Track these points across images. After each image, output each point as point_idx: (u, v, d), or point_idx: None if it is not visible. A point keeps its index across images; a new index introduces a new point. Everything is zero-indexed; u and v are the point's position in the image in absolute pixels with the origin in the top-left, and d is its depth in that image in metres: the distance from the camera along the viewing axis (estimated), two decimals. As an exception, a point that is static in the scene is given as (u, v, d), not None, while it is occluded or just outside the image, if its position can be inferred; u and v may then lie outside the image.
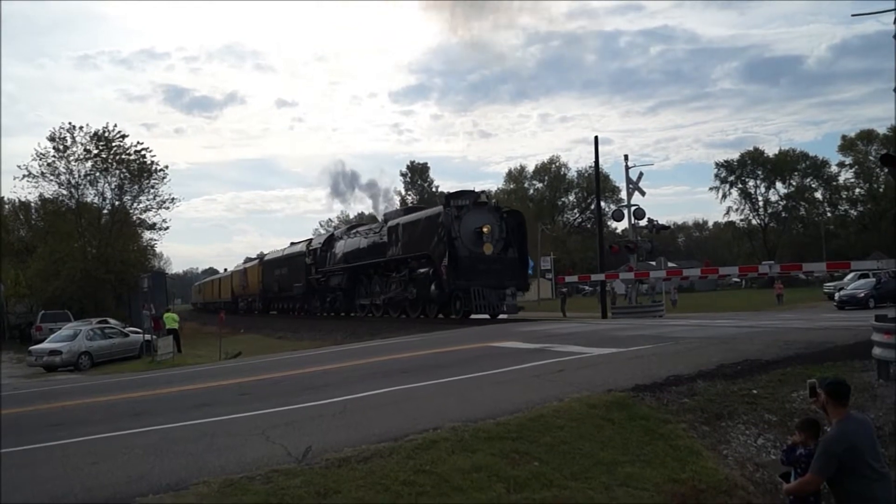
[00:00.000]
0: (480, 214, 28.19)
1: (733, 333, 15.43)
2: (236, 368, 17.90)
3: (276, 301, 53.72)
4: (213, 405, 10.58)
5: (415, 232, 29.95)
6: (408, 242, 30.41)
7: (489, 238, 27.51)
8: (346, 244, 38.62)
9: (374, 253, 34.32)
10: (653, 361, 11.76)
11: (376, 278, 34.64)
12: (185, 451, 7.46)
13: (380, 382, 11.34)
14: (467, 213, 27.90)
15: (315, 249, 43.15)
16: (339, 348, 21.80)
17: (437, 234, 27.81)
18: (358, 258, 36.32)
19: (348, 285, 38.21)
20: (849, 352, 11.72)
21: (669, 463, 7.49)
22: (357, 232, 38.45)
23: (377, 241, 34.18)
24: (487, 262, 27.38)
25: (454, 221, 27.45)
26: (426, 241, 28.71)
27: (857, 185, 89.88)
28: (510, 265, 28.31)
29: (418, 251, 29.50)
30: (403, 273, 31.23)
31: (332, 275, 40.42)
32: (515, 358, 13.19)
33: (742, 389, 9.76)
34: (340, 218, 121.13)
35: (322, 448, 7.14)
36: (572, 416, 8.26)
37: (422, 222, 29.69)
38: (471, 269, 26.93)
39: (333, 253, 40.29)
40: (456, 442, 7.27)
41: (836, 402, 5.74)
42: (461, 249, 27.17)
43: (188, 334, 42.25)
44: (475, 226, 27.64)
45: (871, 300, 33.69)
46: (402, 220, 31.94)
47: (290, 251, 50.06)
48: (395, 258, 31.67)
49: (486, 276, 26.90)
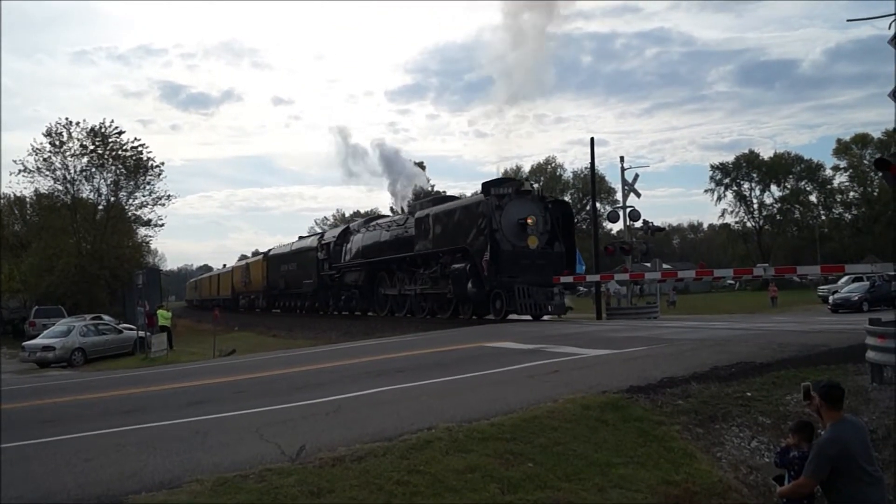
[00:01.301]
0: (523, 204, 25.83)
1: (727, 336, 15.44)
2: (230, 366, 17.86)
3: (282, 299, 50.75)
4: (207, 403, 10.56)
5: (449, 223, 27.37)
6: (440, 235, 27.84)
7: (534, 230, 25.34)
8: (364, 238, 35.86)
9: (397, 247, 31.59)
10: (647, 363, 11.76)
11: (399, 275, 31.98)
12: (178, 448, 7.44)
13: (375, 381, 11.33)
14: (509, 202, 25.58)
15: (328, 244, 40.28)
16: (333, 347, 21.78)
17: (477, 226, 25.38)
18: (378, 253, 33.53)
19: (366, 282, 35.32)
20: (843, 355, 11.74)
21: (663, 465, 7.50)
22: (377, 224, 35.59)
23: (402, 234, 31.49)
24: (532, 256, 25.13)
25: (495, 212, 25.11)
26: (462, 234, 26.24)
27: (852, 189, 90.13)
28: (557, 260, 25.90)
29: (453, 245, 26.93)
30: (434, 269, 28.64)
31: (347, 271, 37.74)
32: (510, 358, 13.19)
33: (736, 392, 9.77)
34: (336, 216, 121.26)
35: (316, 447, 7.13)
36: (566, 417, 8.26)
37: (458, 213, 27.06)
38: (514, 264, 24.68)
39: (349, 247, 37.48)
40: (450, 442, 7.26)
41: (830, 406, 5.75)
42: (503, 243, 24.91)
43: (182, 332, 42.25)
44: (518, 217, 25.35)
45: (865, 303, 33.85)
46: (432, 210, 29.05)
47: (300, 245, 47.47)
48: (424, 253, 28.98)
49: (530, 272, 24.49)
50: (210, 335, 31.20)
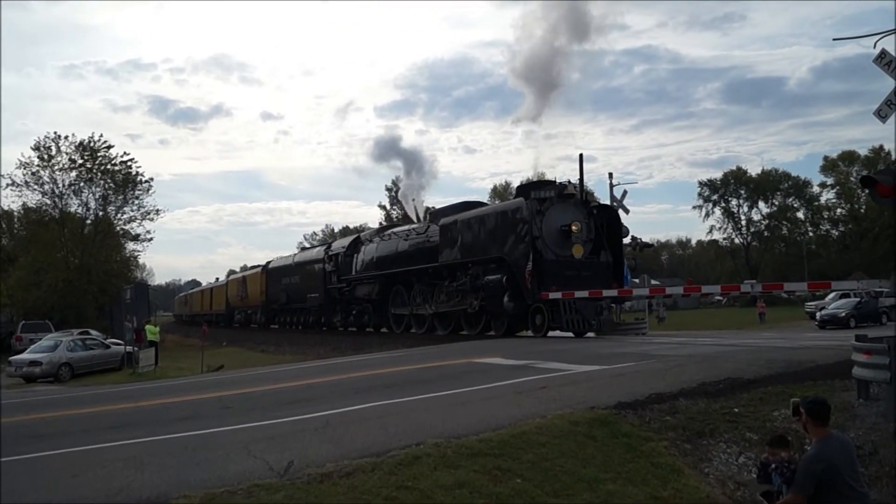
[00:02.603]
0: (566, 209, 23.76)
1: (715, 352, 15.49)
2: (218, 382, 17.79)
3: (283, 314, 47.76)
4: (195, 418, 10.51)
5: (481, 231, 24.99)
6: (471, 244, 25.44)
7: (579, 238, 23.34)
8: (378, 248, 33.19)
9: (418, 257, 29.19)
10: (635, 379, 11.79)
11: (419, 287, 29.38)
12: (165, 464, 7.41)
13: (363, 397, 11.31)
14: (551, 207, 23.45)
15: (337, 254, 37.59)
16: (322, 363, 21.73)
17: (516, 233, 23.12)
18: (395, 264, 30.97)
19: (380, 296, 32.71)
20: (830, 371, 11.79)
21: (651, 480, 7.52)
22: (393, 234, 33.08)
23: (423, 243, 29.20)
24: (577, 267, 23.11)
25: (535, 217, 23.04)
26: (498, 242, 24.02)
27: (839, 206, 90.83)
28: (603, 271, 23.81)
29: (486, 254, 24.66)
30: (462, 281, 26.08)
31: (358, 283, 35.04)
32: (499, 374, 13.19)
33: (724, 408, 9.80)
34: (325, 231, 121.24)
35: (304, 463, 7.12)
36: (555, 433, 8.27)
37: (492, 219, 24.79)
38: (558, 275, 22.47)
39: (360, 258, 34.74)
40: (438, 458, 7.26)
41: (817, 422, 5.80)
42: (545, 252, 22.82)
43: (170, 347, 42.08)
44: (561, 223, 23.26)
45: (852, 320, 34.01)
46: (461, 216, 26.61)
47: (304, 257, 45.21)
48: (451, 263, 26.54)
49: (575, 284, 22.07)
50: (198, 350, 31.06)
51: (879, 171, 11.17)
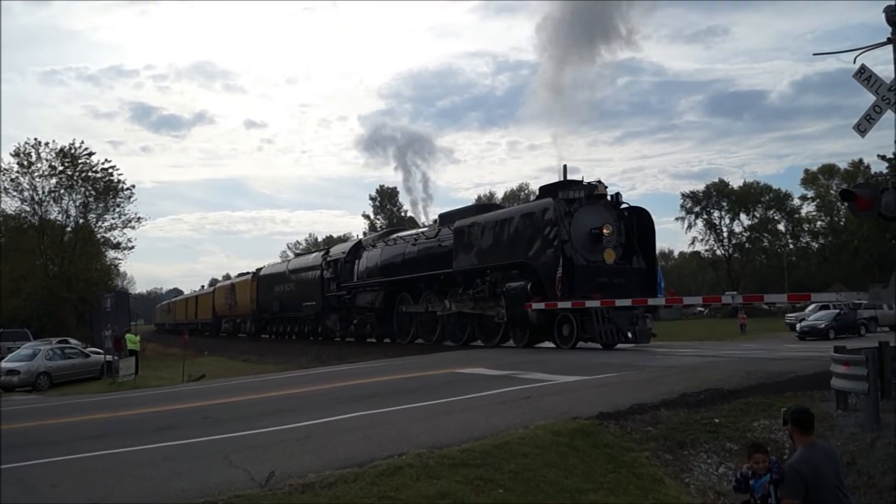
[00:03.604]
0: (596, 211, 22.04)
1: (697, 363, 15.57)
2: (199, 391, 17.71)
3: (276, 323, 45.81)
4: (176, 428, 10.46)
5: (502, 234, 23.21)
6: (490, 248, 23.64)
7: (610, 242, 21.68)
8: (381, 253, 31.06)
9: (428, 263, 27.25)
10: (617, 389, 11.83)
11: (428, 295, 27.53)
12: (145, 474, 7.36)
13: (345, 407, 11.29)
14: (580, 208, 21.70)
15: (336, 260, 35.42)
16: (304, 372, 21.66)
17: (543, 236, 21.38)
18: (402, 270, 28.94)
19: (384, 304, 30.65)
20: (809, 382, 11.89)
21: (632, 491, 7.55)
22: (399, 238, 30.86)
23: (434, 247, 27.23)
24: (609, 273, 21.50)
25: (563, 219, 21.26)
26: (522, 246, 22.24)
27: (819, 219, 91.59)
28: (636, 278, 22.10)
29: (508, 259, 22.86)
30: (479, 289, 24.22)
31: (360, 291, 32.93)
32: (481, 384, 13.20)
33: (704, 418, 9.86)
34: (308, 240, 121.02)
35: (286, 473, 7.09)
36: (537, 443, 8.28)
37: (515, 221, 22.96)
38: (589, 282, 20.85)
39: (363, 264, 32.70)
40: (421, 468, 7.26)
41: (801, 431, 5.87)
42: (575, 257, 21.05)
43: (151, 356, 41.78)
44: (591, 226, 21.60)
45: (832, 331, 34.25)
46: (479, 219, 24.80)
47: (299, 263, 42.74)
48: (468, 269, 24.68)
49: (607, 292, 20.46)
50: (179, 359, 30.86)
51: (858, 184, 11.31)
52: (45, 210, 51.02)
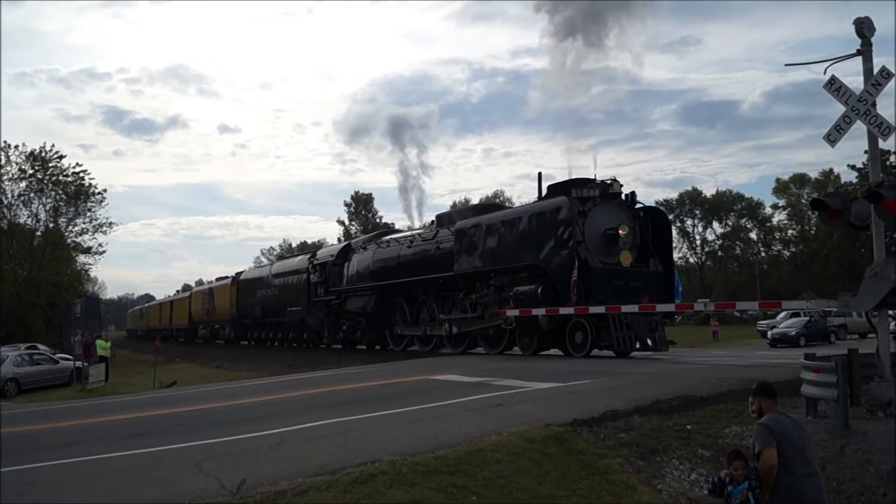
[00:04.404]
0: (610, 211, 20.84)
1: (669, 370, 15.66)
2: (171, 398, 17.55)
3: (258, 329, 44.19)
4: (146, 435, 10.36)
5: (510, 235, 21.94)
6: (496, 250, 22.34)
7: (626, 244, 20.45)
8: (373, 255, 29.62)
9: (425, 266, 25.89)
10: (591, 396, 11.87)
11: (424, 299, 26.44)
12: (115, 482, 7.29)
13: (319, 414, 11.24)
14: (594, 208, 20.50)
15: (324, 263, 33.95)
16: (278, 379, 21.53)
17: (556, 237, 20.09)
18: (397, 273, 27.54)
19: (377, 309, 29.21)
20: (780, 389, 11.89)
21: (605, 497, 7.57)
22: (393, 240, 29.57)
23: (431, 249, 25.92)
24: (625, 277, 20.25)
25: (577, 219, 20.08)
26: (532, 247, 20.99)
27: (790, 227, 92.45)
28: (653, 282, 20.86)
29: (517, 261, 21.70)
30: (484, 293, 23.08)
31: (350, 295, 31.37)
32: (455, 391, 13.18)
33: (676, 425, 9.92)
34: (283, 246, 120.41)
35: (257, 481, 7.04)
36: (510, 450, 8.29)
37: (524, 221, 21.60)
38: (606, 286, 19.65)
39: (353, 267, 31.20)
40: (394, 475, 7.23)
41: (769, 399, 6.00)
42: (590, 259, 19.80)
43: (121, 362, 41.37)
44: (606, 226, 20.36)
45: (802, 338, 34.67)
46: (483, 219, 23.53)
47: (283, 267, 41.37)
48: (471, 272, 23.45)
49: (624, 296, 19.26)
50: (151, 366, 30.58)
51: (829, 194, 11.43)
52: (15, 214, 50.34)
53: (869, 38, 10.52)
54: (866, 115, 10.27)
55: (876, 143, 10.65)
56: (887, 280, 9.97)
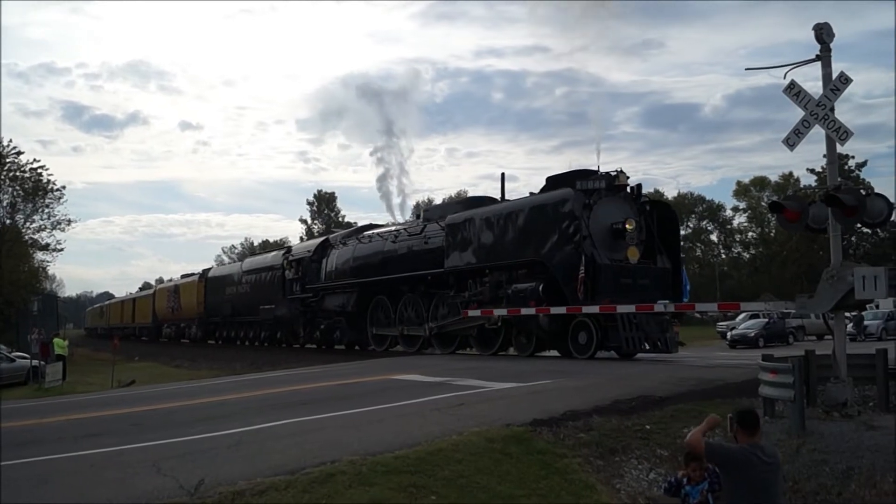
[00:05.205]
0: (616, 205, 19.82)
1: (629, 370, 15.77)
2: (129, 397, 17.33)
3: (227, 328, 42.71)
4: (103, 435, 10.22)
5: (507, 229, 20.85)
6: (492, 245, 21.23)
7: (633, 239, 19.39)
8: (355, 251, 28.44)
9: (411, 262, 24.72)
10: (551, 396, 11.93)
11: (412, 298, 25.10)
12: (71, 483, 7.19)
13: (278, 414, 11.16)
14: (599, 201, 19.46)
15: (300, 260, 32.51)
16: (237, 378, 21.34)
17: (560, 231, 19.03)
18: (381, 270, 26.29)
19: (357, 307, 28.01)
20: (738, 389, 12.16)
21: (564, 497, 7.61)
22: (376, 235, 28.11)
23: (417, 245, 24.76)
24: (632, 274, 19.27)
25: (583, 212, 19.05)
26: (533, 242, 19.89)
27: (750, 230, 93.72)
28: (661, 280, 19.93)
29: (515, 257, 20.58)
30: (477, 291, 21.91)
31: (328, 293, 30.11)
32: (416, 391, 13.17)
33: (636, 425, 10.00)
34: (244, 244, 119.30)
35: (216, 481, 6.98)
36: (471, 449, 8.30)
37: (523, 215, 20.42)
38: (613, 283, 18.68)
39: (331, 264, 29.85)
40: (354, 475, 7.21)
41: (745, 430, 5.79)
42: (597, 255, 18.70)
43: (79, 361, 40.75)
44: (612, 220, 19.36)
45: (761, 339, 35.28)
46: (478, 212, 22.30)
47: (255, 263, 39.79)
48: (464, 269, 22.31)
49: (632, 294, 18.51)
50: (109, 365, 30.15)
51: (787, 197, 11.59)
52: (-30, 210, 49.44)
53: (828, 44, 10.67)
54: (825, 119, 10.43)
55: (834, 147, 10.83)
56: (843, 283, 10.15)
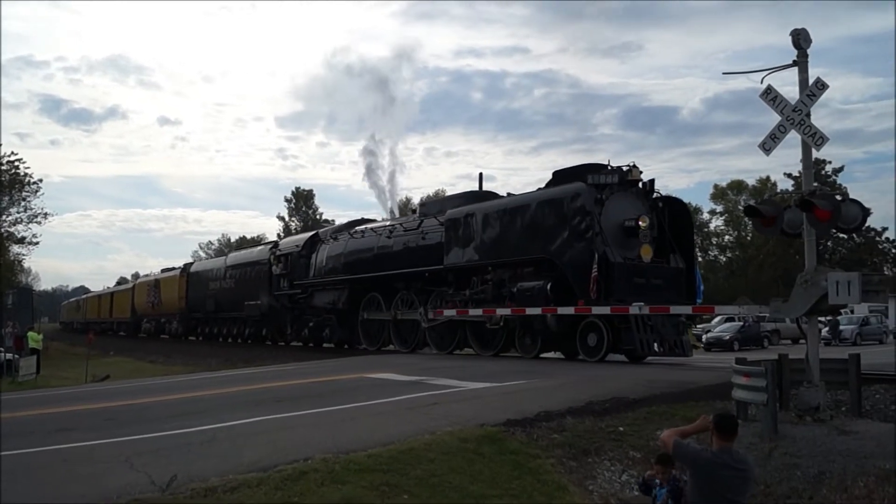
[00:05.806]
0: (628, 200, 19.03)
1: (604, 372, 15.82)
2: (103, 392, 17.23)
3: (210, 324, 41.75)
4: (76, 430, 10.15)
5: (513, 225, 19.97)
6: (496, 241, 20.33)
7: (646, 237, 18.45)
8: (346, 246, 27.41)
9: (408, 258, 23.81)
10: (525, 397, 11.97)
11: (408, 296, 24.08)
12: (42, 478, 7.15)
13: (252, 411, 11.14)
14: (611, 196, 18.65)
15: (287, 255, 31.43)
16: (212, 375, 21.27)
17: (571, 227, 18.15)
18: (375, 266, 25.26)
19: (348, 305, 26.96)
20: (711, 392, 12.24)
21: (537, 497, 7.66)
22: (369, 230, 27.15)
23: (414, 241, 23.81)
24: (646, 273, 18.44)
25: (595, 207, 18.23)
26: (541, 239, 18.97)
27: (727, 233, 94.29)
28: (674, 279, 19.05)
29: (521, 254, 19.73)
30: (479, 289, 21.04)
31: (318, 290, 29.04)
32: (391, 390, 13.17)
33: (609, 426, 10.06)
34: (221, 241, 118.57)
35: (188, 477, 6.96)
36: (444, 449, 8.32)
37: (531, 210, 19.50)
38: (626, 283, 17.94)
39: (321, 259, 28.87)
40: (326, 473, 7.22)
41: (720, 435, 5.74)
42: (609, 253, 17.91)
43: (54, 355, 40.42)
44: (624, 217, 18.58)
45: (736, 343, 35.56)
46: (479, 207, 21.35)
47: (240, 258, 38.80)
48: (464, 265, 21.46)
49: (645, 295, 17.72)
50: (83, 359, 29.93)
51: (763, 201, 11.74)
52: (-55, 203, 48.94)
53: (805, 49, 10.79)
54: (801, 124, 10.54)
55: (809, 152, 10.93)
56: (817, 287, 10.25)
